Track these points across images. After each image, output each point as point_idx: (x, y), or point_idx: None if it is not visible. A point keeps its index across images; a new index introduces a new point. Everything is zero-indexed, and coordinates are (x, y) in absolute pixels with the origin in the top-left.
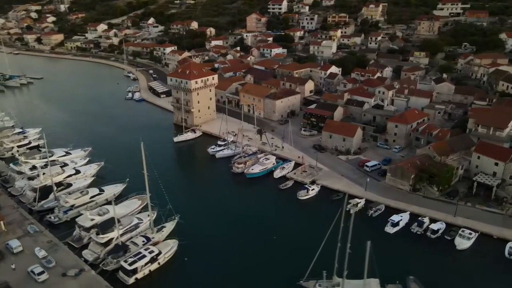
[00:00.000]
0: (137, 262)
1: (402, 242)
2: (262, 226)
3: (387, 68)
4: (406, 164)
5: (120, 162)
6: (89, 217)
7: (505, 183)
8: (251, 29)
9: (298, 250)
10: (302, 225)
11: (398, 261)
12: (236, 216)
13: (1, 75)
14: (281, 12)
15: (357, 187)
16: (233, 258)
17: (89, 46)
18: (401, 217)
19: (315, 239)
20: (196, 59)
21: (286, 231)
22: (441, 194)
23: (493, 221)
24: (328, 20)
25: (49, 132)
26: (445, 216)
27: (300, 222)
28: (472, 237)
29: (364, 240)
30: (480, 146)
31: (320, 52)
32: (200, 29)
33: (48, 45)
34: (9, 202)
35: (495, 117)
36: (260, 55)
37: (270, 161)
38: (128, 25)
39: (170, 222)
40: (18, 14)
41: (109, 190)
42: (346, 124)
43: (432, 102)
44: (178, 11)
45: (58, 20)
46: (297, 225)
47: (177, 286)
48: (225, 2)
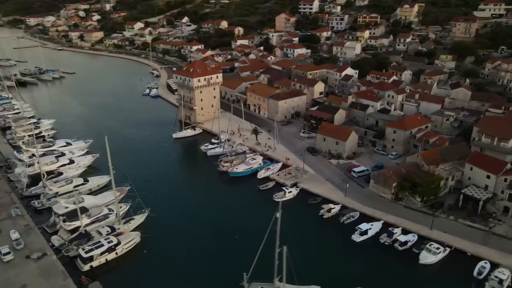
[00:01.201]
0: (94, 251)
1: (365, 251)
2: (229, 225)
3: (406, 71)
4: (389, 171)
5: (115, 154)
6: (63, 205)
7: (497, 197)
8: (279, 29)
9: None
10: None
11: (351, 270)
12: (207, 214)
13: (38, 69)
14: (312, 12)
15: (338, 193)
16: (190, 255)
17: (124, 43)
18: (371, 226)
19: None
20: (218, 58)
21: (250, 231)
22: (424, 205)
23: (472, 238)
24: (358, 21)
25: (62, 123)
26: (421, 228)
27: (267, 223)
28: (440, 252)
29: (324, 246)
30: (473, 157)
31: (343, 53)
32: (229, 28)
33: (88, 42)
34: (5, 187)
35: (501, 127)
36: (283, 55)
37: (256, 161)
38: (163, 24)
39: (140, 215)
40: (68, 12)
41: (94, 181)
42: (340, 128)
43: (443, 108)
44: (212, 10)
45: (102, 18)
46: (264, 226)
47: (130, 277)
48: (258, 1)
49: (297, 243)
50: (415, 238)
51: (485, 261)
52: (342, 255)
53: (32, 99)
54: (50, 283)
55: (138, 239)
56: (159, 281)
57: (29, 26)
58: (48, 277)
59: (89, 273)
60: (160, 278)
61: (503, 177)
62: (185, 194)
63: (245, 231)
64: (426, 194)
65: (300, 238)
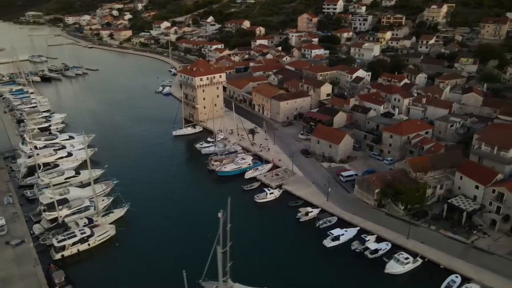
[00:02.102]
0: (66, 241)
1: (334, 257)
2: (204, 223)
3: (421, 74)
4: (372, 177)
5: (113, 149)
6: (48, 195)
7: (484, 209)
8: (302, 29)
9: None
10: (242, 226)
11: (314, 275)
12: (186, 211)
13: (64, 65)
14: (336, 12)
15: (321, 196)
16: (160, 250)
17: (150, 42)
18: (344, 232)
19: (246, 241)
20: (235, 57)
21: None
22: (407, 213)
23: (451, 250)
24: (382, 21)
25: (73, 117)
26: (397, 237)
27: (242, 223)
28: (408, 263)
29: (293, 249)
30: (464, 166)
31: (361, 54)
32: (251, 28)
33: (117, 40)
34: (5, 176)
35: (503, 135)
36: (301, 56)
37: (246, 162)
38: (188, 23)
39: (119, 209)
40: (103, 11)
41: (85, 174)
42: (334, 131)
43: (450, 114)
44: (237, 10)
45: (134, 17)
46: (237, 226)
47: (98, 268)
48: (283, 1)
49: (266, 244)
50: (388, 247)
51: (457, 275)
52: (309, 260)
53: (52, 94)
54: (21, 269)
55: (113, 232)
56: (124, 274)
57: (67, 25)
58: (20, 263)
59: (60, 262)
60: (125, 271)
61: (491, 188)
62: (170, 191)
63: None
64: (410, 202)
65: (270, 240)
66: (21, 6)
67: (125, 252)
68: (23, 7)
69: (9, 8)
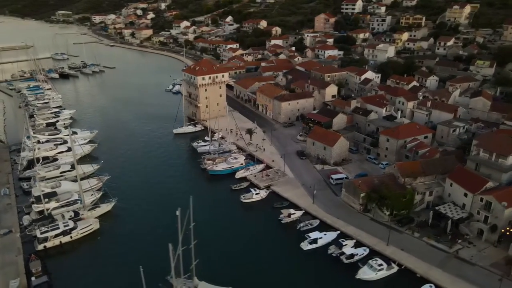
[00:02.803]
0: (48, 232)
1: (308, 260)
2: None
3: (432, 77)
4: (357, 181)
5: (114, 145)
6: (40, 188)
7: (472, 218)
8: (318, 29)
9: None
10: (223, 225)
11: (285, 277)
12: (171, 208)
13: (83, 63)
14: (354, 13)
15: (308, 199)
16: (139, 246)
17: (169, 41)
18: (323, 235)
19: (224, 240)
20: (248, 57)
21: (204, 228)
22: (393, 219)
23: (431, 258)
24: (401, 22)
25: (81, 113)
26: (377, 242)
27: (224, 222)
28: (382, 269)
29: (269, 250)
30: (455, 173)
31: (374, 56)
32: (267, 28)
33: (138, 39)
34: (8, 169)
35: (502, 142)
36: (314, 56)
37: (238, 161)
38: (207, 23)
39: (106, 203)
40: (128, 11)
41: (80, 168)
42: (329, 133)
43: (455, 118)
44: (256, 10)
45: (156, 17)
46: (220, 224)
47: (78, 261)
48: (302, 1)
49: (243, 244)
50: (366, 252)
51: (431, 284)
52: (283, 262)
53: (68, 91)
54: (3, 257)
55: (97, 226)
56: (101, 268)
57: (94, 24)
58: (4, 252)
59: (43, 252)
60: (103, 265)
61: (480, 197)
62: (160, 188)
63: (199, 227)
64: (395, 208)
65: (249, 240)
66: (53, 5)
67: (106, 246)
68: (55, 6)
69: (42, 7)
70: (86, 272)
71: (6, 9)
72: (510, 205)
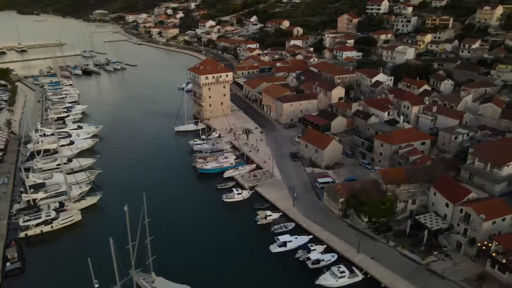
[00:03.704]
0: (30, 221)
1: (275, 263)
2: (165, 216)
3: (447, 81)
4: (337, 185)
5: (116, 140)
6: (32, 179)
7: (453, 230)
8: (341, 29)
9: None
10: (200, 223)
11: (247, 278)
12: (155, 203)
13: (107, 60)
14: (379, 13)
15: (289, 201)
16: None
17: (193, 40)
18: (294, 239)
19: (194, 238)
20: (265, 57)
21: (180, 225)
22: (370, 226)
23: (401, 269)
24: (427, 23)
25: (93, 109)
26: (348, 249)
27: (201, 220)
28: (343, 277)
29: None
30: (440, 181)
31: (393, 58)
32: (289, 28)
33: (165, 37)
34: (13, 159)
35: (498, 151)
36: (332, 57)
37: (227, 161)
38: (232, 22)
39: (92, 196)
40: (160, 10)
41: (77, 162)
42: (322, 135)
43: (460, 124)
44: (281, 10)
45: (185, 16)
46: (197, 222)
47: (55, 249)
48: (328, 1)
49: (214, 243)
50: (333, 259)
51: None
52: (247, 262)
53: (87, 87)
54: None
55: (79, 218)
56: (73, 257)
57: (127, 23)
58: None
59: (25, 240)
60: (75, 254)
61: (459, 208)
62: (149, 184)
63: (176, 223)
64: (374, 215)
65: (220, 239)
66: (92, 5)
67: (83, 238)
68: (94, 6)
69: (82, 6)
70: (59, 261)
71: (50, 8)
72: (489, 218)
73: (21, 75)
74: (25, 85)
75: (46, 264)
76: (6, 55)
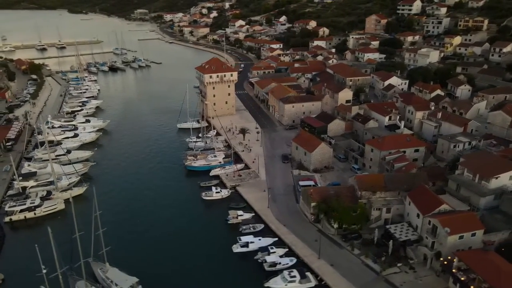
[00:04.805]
0: (15, 207)
1: (233, 262)
2: (143, 211)
3: (463, 86)
4: (310, 189)
5: (120, 135)
6: (27, 168)
7: (422, 242)
8: (369, 30)
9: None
10: (173, 219)
11: (200, 276)
12: (136, 197)
13: (134, 58)
14: (411, 14)
15: (266, 203)
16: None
17: (221, 39)
18: (257, 240)
19: (160, 233)
20: (285, 58)
21: (155, 219)
22: (338, 232)
23: (357, 278)
24: (459, 25)
25: (107, 104)
26: (309, 254)
27: (175, 216)
28: (294, 281)
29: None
30: (416, 191)
31: (415, 60)
32: (315, 28)
33: (195, 36)
34: (21, 148)
35: (488, 163)
36: (354, 59)
37: (216, 159)
38: (261, 22)
39: (78, 187)
40: (196, 10)
41: (75, 154)
42: (311, 138)
43: (464, 132)
44: (311, 10)
45: (219, 15)
46: (170, 217)
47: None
48: (359, 1)
49: (179, 239)
50: (291, 263)
51: None
52: (207, 260)
53: (110, 82)
54: None
55: (62, 207)
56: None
57: (164, 22)
58: None
59: (9, 224)
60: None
61: (428, 219)
62: (136, 178)
63: (150, 217)
64: (344, 221)
65: (187, 235)
66: (136, 4)
67: (61, 225)
68: (137, 5)
69: (127, 5)
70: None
71: (97, 7)
72: (454, 232)
73: (53, 71)
74: (54, 80)
75: (21, 247)
76: (47, 51)
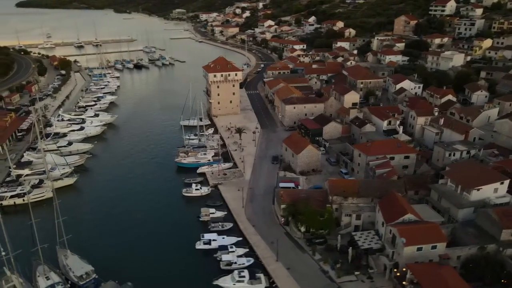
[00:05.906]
0: (6, 193)
1: (191, 259)
2: (124, 203)
3: (479, 92)
4: (281, 191)
5: (124, 129)
6: (26, 157)
7: (385, 251)
8: (397, 32)
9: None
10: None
11: (155, 271)
12: (121, 190)
13: (160, 56)
14: (443, 15)
15: (241, 203)
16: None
17: (248, 39)
18: (221, 238)
19: (127, 226)
20: (305, 58)
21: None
22: (304, 236)
23: (310, 283)
24: (493, 27)
25: (122, 100)
26: (269, 256)
27: (150, 209)
28: (242, 281)
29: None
30: (386, 198)
31: (438, 64)
32: (341, 29)
33: (225, 36)
34: (29, 138)
35: (472, 173)
36: (376, 61)
37: (205, 157)
38: (291, 22)
39: (69, 178)
40: (230, 9)
41: (75, 146)
42: (300, 140)
43: (465, 141)
44: (342, 10)
45: (251, 15)
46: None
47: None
48: (392, 2)
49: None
50: (248, 263)
51: None
52: (169, 254)
53: (133, 79)
54: None
55: (50, 195)
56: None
57: (199, 21)
58: None
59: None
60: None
61: (389, 228)
62: (127, 171)
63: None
64: (310, 225)
65: (154, 228)
66: (177, 4)
67: (44, 213)
68: (178, 5)
69: (168, 5)
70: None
71: (140, 7)
72: (411, 243)
73: (83, 67)
74: (81, 76)
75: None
76: (84, 48)
